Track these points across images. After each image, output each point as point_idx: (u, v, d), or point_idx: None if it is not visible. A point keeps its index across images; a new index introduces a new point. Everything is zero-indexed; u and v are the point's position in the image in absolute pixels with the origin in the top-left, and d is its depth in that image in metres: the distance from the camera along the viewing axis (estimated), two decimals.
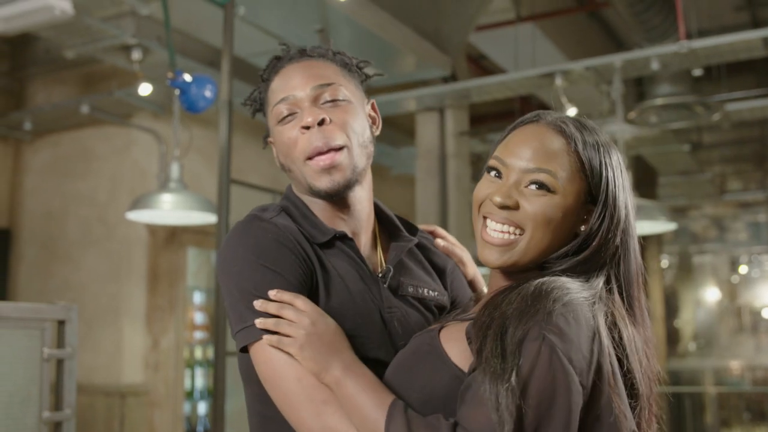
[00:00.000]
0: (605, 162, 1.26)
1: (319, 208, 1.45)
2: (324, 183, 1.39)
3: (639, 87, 6.87)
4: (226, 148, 3.55)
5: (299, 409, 1.24)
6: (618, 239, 1.25)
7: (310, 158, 1.40)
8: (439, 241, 1.63)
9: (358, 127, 1.43)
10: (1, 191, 6.46)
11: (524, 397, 1.06)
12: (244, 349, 1.32)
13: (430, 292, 1.50)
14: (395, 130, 7.50)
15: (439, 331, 1.25)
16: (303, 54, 1.49)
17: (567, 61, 6.10)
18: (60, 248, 6.19)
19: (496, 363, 1.08)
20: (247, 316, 1.29)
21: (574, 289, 1.17)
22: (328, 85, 1.43)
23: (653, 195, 8.90)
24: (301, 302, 1.29)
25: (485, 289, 1.60)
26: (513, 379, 1.06)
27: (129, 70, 5.04)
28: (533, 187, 1.23)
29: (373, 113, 1.53)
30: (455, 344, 1.20)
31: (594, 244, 1.24)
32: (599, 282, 1.23)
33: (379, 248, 1.51)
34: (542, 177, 1.22)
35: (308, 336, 1.25)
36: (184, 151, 4.83)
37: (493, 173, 1.27)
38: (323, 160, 1.39)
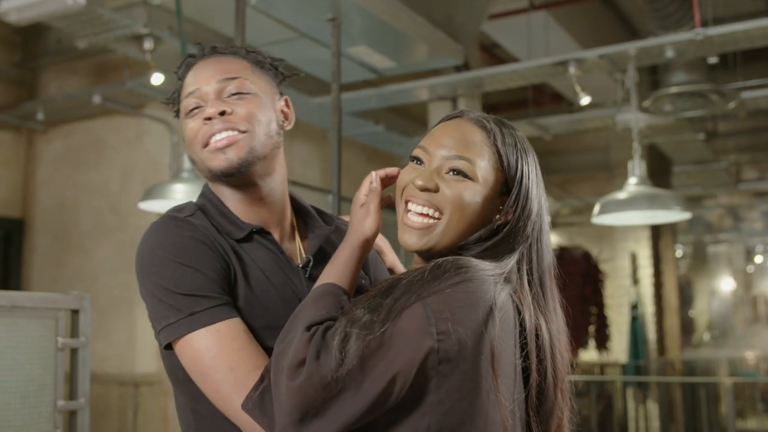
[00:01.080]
0: (521, 158, 1.34)
1: (234, 202, 1.48)
2: (218, 161, 1.42)
3: (653, 75, 6.82)
4: None
5: (233, 398, 1.26)
6: (529, 230, 1.32)
7: (206, 145, 1.44)
8: None
9: (262, 118, 1.46)
10: (15, 181, 6.47)
11: (369, 336, 1.14)
12: (168, 347, 1.35)
13: None
14: (407, 120, 7.48)
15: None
16: (214, 51, 1.53)
17: (581, 49, 6.06)
18: (72, 238, 6.21)
19: (366, 313, 1.18)
20: (170, 313, 1.32)
21: (479, 267, 1.23)
22: (234, 78, 1.47)
23: (667, 184, 8.85)
24: None
25: None
26: (376, 332, 1.14)
27: (141, 59, 5.04)
28: (452, 173, 1.31)
29: (286, 109, 1.56)
30: None
31: (505, 230, 1.31)
32: (508, 265, 1.29)
33: (297, 238, 1.55)
34: (461, 164, 1.30)
35: None
36: None
37: (416, 162, 1.35)
38: (219, 142, 1.42)
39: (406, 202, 1.33)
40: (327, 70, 4.54)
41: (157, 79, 5.18)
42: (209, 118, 1.43)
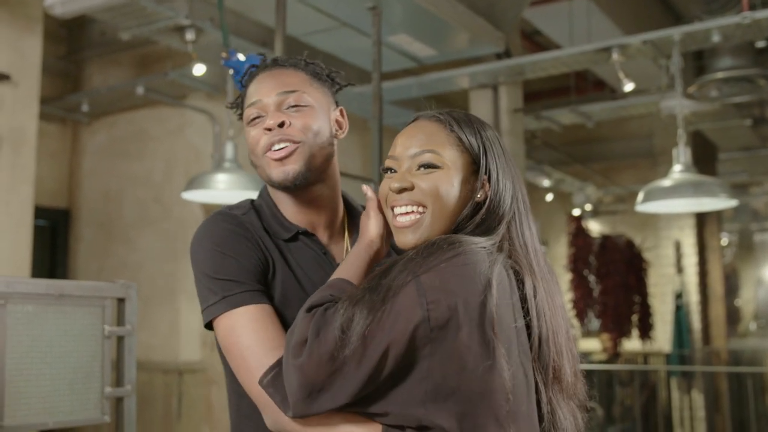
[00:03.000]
0: (479, 135, 1.43)
1: (285, 205, 1.62)
2: (278, 173, 1.55)
3: (699, 61, 6.70)
4: None
5: (250, 375, 1.39)
6: (509, 198, 1.41)
7: (267, 152, 1.57)
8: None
9: (317, 129, 1.58)
10: (61, 173, 6.58)
11: (368, 313, 1.23)
12: (209, 327, 1.50)
13: None
14: (448, 108, 7.44)
15: None
16: (275, 63, 1.65)
17: (623, 35, 5.97)
18: (117, 228, 6.29)
19: (365, 293, 1.26)
20: (209, 296, 1.48)
21: (471, 241, 1.31)
22: (293, 92, 1.58)
23: (713, 171, 8.71)
24: None
25: None
26: (374, 309, 1.23)
27: (183, 51, 5.08)
28: (422, 168, 1.40)
29: (340, 118, 1.68)
30: None
31: (486, 204, 1.40)
32: (501, 231, 1.38)
33: (346, 240, 1.68)
34: (428, 157, 1.40)
35: None
36: (238, 131, 4.85)
37: (389, 172, 1.45)
38: (278, 153, 1.55)
39: (392, 208, 1.43)
40: (367, 59, 4.53)
41: (199, 69, 5.22)
42: (269, 129, 1.55)
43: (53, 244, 6.58)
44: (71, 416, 2.36)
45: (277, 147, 1.55)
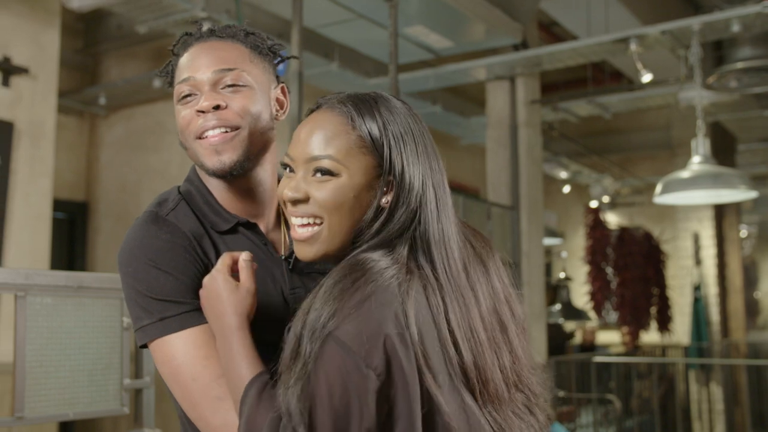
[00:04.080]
0: (385, 131, 1.25)
1: (220, 192, 1.46)
2: (213, 162, 1.40)
3: (718, 51, 6.64)
4: (297, 119, 3.56)
5: (198, 406, 1.27)
6: (413, 204, 1.24)
7: (200, 137, 1.41)
8: None
9: (256, 113, 1.43)
10: (79, 165, 6.61)
11: (315, 408, 1.07)
12: (144, 347, 1.35)
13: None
14: (465, 100, 7.42)
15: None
16: (212, 34, 1.47)
17: (641, 25, 5.93)
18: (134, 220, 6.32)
19: (289, 366, 1.11)
20: (143, 315, 1.32)
21: (375, 269, 1.16)
22: (231, 70, 1.42)
23: (732, 162, 8.65)
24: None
25: None
26: (301, 383, 1.08)
27: None
28: (318, 175, 1.24)
29: (281, 97, 1.53)
30: None
31: (385, 215, 1.24)
32: (403, 251, 1.22)
33: (283, 228, 1.51)
34: (324, 163, 1.23)
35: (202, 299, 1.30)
36: None
37: (287, 170, 1.30)
38: (213, 138, 1.40)
39: (289, 216, 1.30)
40: (384, 50, 4.53)
41: None
42: (203, 111, 1.40)
43: (71, 237, 6.62)
44: (90, 407, 2.38)
45: (211, 133, 1.40)
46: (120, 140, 6.50)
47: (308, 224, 1.26)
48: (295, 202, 1.26)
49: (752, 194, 4.85)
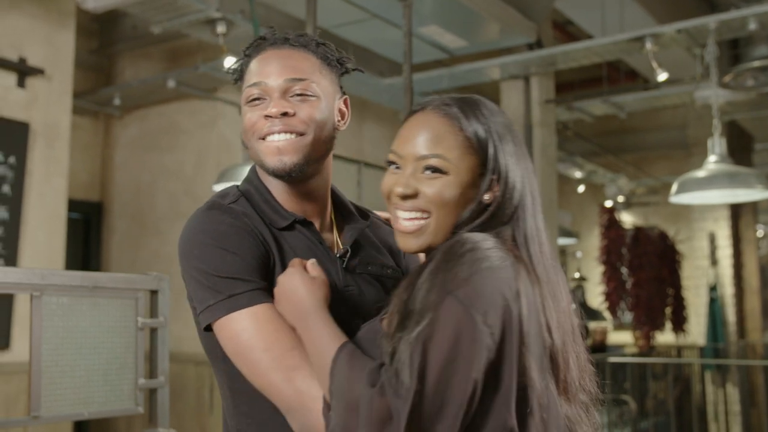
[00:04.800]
0: (491, 134, 1.34)
1: (279, 191, 1.53)
2: (273, 161, 1.46)
3: (734, 49, 6.60)
4: None
5: (270, 377, 1.31)
6: (515, 201, 1.34)
7: (263, 138, 1.48)
8: None
9: (321, 121, 1.49)
10: (94, 166, 6.64)
11: (427, 352, 1.13)
12: (208, 328, 1.41)
13: (386, 269, 1.60)
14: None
15: (381, 320, 1.33)
16: (286, 41, 1.53)
17: (656, 24, 5.90)
18: (149, 221, 6.34)
19: (403, 319, 1.18)
20: (210, 296, 1.37)
21: (488, 247, 1.24)
22: (301, 80, 1.48)
23: (749, 162, 8.59)
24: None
25: None
26: (416, 332, 1.14)
27: (214, 43, 5.09)
28: (428, 172, 1.33)
29: (344, 108, 1.58)
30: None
31: (491, 208, 1.33)
32: (507, 240, 1.31)
33: (335, 230, 1.60)
34: (433, 161, 1.32)
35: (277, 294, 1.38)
36: None
37: (393, 166, 1.38)
38: (277, 140, 1.46)
39: (395, 209, 1.38)
40: (398, 50, 4.52)
41: (229, 62, 5.22)
42: (271, 116, 1.46)
43: (86, 237, 6.65)
44: (105, 407, 2.38)
45: (276, 137, 1.46)
46: (134, 141, 6.52)
47: (415, 218, 1.34)
48: (405, 197, 1.34)
49: None
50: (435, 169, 1.32)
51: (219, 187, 4.68)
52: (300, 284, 1.35)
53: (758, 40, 5.76)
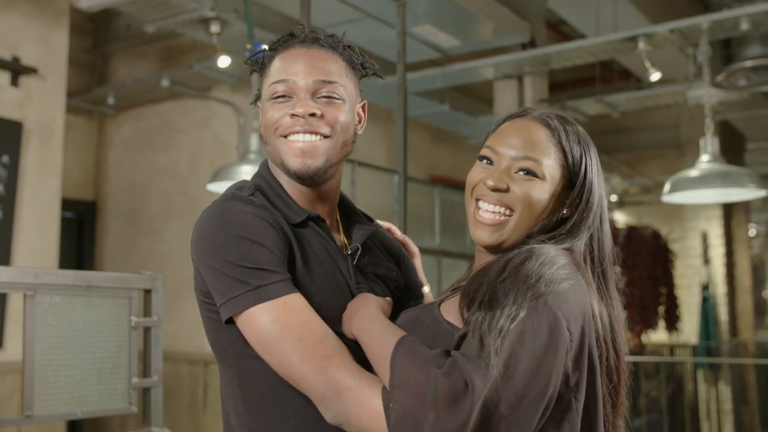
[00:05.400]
0: (584, 154, 1.42)
1: (292, 188, 1.52)
2: (296, 163, 1.46)
3: (726, 49, 6.62)
4: None
5: (303, 366, 1.29)
6: (591, 220, 1.41)
7: (285, 136, 1.47)
8: (398, 233, 1.78)
9: (345, 124, 1.49)
10: (87, 165, 6.63)
11: (522, 343, 1.17)
12: (229, 321, 1.37)
13: (391, 271, 1.62)
14: (473, 99, 7.42)
15: (439, 305, 1.40)
16: (315, 41, 1.52)
17: (650, 24, 5.91)
18: (143, 220, 6.33)
19: (487, 315, 1.21)
20: (236, 286, 1.34)
21: (565, 263, 1.29)
22: (330, 82, 1.48)
23: (741, 161, 8.61)
24: None
25: (425, 280, 1.75)
26: (509, 325, 1.18)
27: (208, 43, 5.09)
28: (522, 173, 1.38)
29: (362, 113, 1.59)
30: (455, 314, 1.33)
31: (570, 222, 1.40)
32: (580, 257, 1.38)
33: (341, 231, 1.61)
34: (529, 164, 1.38)
35: None
36: None
37: (485, 161, 1.43)
38: (301, 140, 1.46)
39: (477, 200, 1.41)
40: (392, 50, 4.52)
41: (223, 62, 5.23)
42: (297, 116, 1.45)
43: (80, 236, 6.65)
44: (99, 406, 2.38)
45: (300, 137, 1.45)
46: (128, 140, 6.51)
47: (498, 212, 1.39)
48: (495, 189, 1.38)
49: (761, 193, 4.83)
50: (529, 171, 1.38)
51: (213, 187, 4.71)
52: (371, 297, 1.42)
53: (751, 40, 5.79)
